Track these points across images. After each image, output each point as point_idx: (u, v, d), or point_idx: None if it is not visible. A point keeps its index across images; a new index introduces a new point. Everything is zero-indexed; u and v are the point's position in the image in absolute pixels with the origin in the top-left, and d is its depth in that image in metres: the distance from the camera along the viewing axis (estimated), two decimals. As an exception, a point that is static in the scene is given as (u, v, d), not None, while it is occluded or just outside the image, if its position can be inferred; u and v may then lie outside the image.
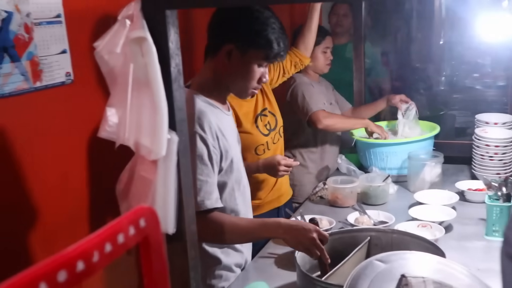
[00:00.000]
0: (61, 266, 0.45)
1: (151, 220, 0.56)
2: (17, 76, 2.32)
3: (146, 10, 1.21)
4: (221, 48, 1.83)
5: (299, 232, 1.78)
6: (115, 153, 1.35)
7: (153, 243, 0.57)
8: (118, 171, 2.59)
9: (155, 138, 1.20)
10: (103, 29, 2.73)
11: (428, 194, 2.62)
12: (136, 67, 1.21)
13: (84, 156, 2.70)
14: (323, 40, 3.16)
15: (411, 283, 1.38)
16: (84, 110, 2.72)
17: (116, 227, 0.52)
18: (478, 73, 4.76)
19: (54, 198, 2.58)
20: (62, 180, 2.61)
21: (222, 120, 1.91)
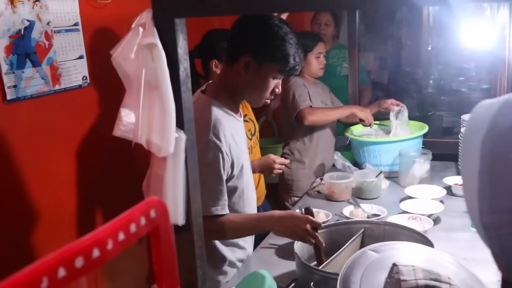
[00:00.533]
0: (78, 253, 0.45)
1: (161, 211, 0.56)
2: (38, 79, 2.33)
3: (157, 18, 1.20)
4: (239, 59, 1.80)
5: (293, 223, 1.77)
6: (126, 152, 1.36)
7: (163, 233, 0.57)
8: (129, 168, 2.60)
9: (164, 137, 1.20)
10: (116, 36, 2.78)
11: (417, 189, 2.62)
12: (147, 71, 1.21)
13: (98, 153, 2.71)
14: (315, 46, 3.15)
15: (402, 271, 1.37)
16: (99, 110, 2.73)
17: (128, 217, 0.52)
18: (464, 77, 4.76)
19: (69, 193, 2.59)
20: (76, 176, 2.62)
21: (235, 127, 1.89)
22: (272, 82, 1.85)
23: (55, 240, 2.48)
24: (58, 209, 2.51)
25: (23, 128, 2.29)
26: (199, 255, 1.34)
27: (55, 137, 2.47)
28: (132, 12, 2.36)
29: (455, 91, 4.68)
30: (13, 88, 2.19)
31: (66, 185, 2.56)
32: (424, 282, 1.35)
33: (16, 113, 2.24)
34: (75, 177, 2.61)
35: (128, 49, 1.23)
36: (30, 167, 2.33)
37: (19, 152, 2.28)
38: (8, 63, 2.16)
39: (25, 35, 2.25)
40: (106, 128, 2.58)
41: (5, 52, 2.15)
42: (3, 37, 2.14)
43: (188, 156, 1.25)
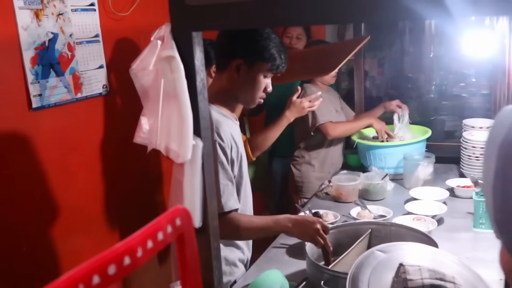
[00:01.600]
0: (111, 261, 0.46)
1: (186, 219, 0.57)
2: (61, 88, 2.35)
3: (175, 31, 1.21)
4: (230, 64, 1.83)
5: (305, 224, 1.79)
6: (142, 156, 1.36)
7: (187, 239, 0.58)
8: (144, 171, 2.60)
9: (182, 144, 1.21)
10: (134, 46, 2.79)
11: (421, 191, 2.61)
12: (166, 81, 1.21)
13: (116, 156, 2.72)
14: None
15: (408, 270, 1.37)
16: (118, 116, 2.74)
17: (156, 226, 0.52)
18: (464, 83, 4.73)
19: (90, 195, 2.61)
20: (96, 178, 2.63)
21: (233, 129, 1.91)
22: (263, 81, 1.88)
23: (76, 239, 2.50)
24: (79, 210, 2.52)
25: (47, 134, 2.31)
26: (215, 256, 1.35)
27: (77, 142, 2.49)
28: (149, 23, 2.38)
29: (456, 96, 4.65)
30: (38, 97, 2.21)
31: (87, 187, 2.57)
32: (429, 282, 1.35)
33: (41, 120, 2.26)
34: (96, 180, 2.63)
35: (147, 61, 1.24)
36: (53, 170, 2.35)
37: (44, 156, 2.30)
38: (33, 73, 2.18)
39: (49, 46, 2.27)
40: (124, 133, 2.61)
41: (30, 63, 2.17)
42: (29, 49, 2.16)
43: (204, 162, 1.26)
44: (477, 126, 2.92)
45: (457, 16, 0.98)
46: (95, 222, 2.64)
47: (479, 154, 2.78)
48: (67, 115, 2.40)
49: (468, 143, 2.82)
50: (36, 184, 2.29)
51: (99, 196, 2.66)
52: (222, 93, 1.89)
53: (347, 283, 1.41)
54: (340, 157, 3.30)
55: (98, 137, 2.63)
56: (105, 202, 2.69)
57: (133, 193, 2.90)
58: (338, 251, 1.84)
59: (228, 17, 1.19)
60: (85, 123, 2.53)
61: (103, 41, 2.61)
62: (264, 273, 1.55)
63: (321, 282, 1.55)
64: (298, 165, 3.27)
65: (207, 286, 1.36)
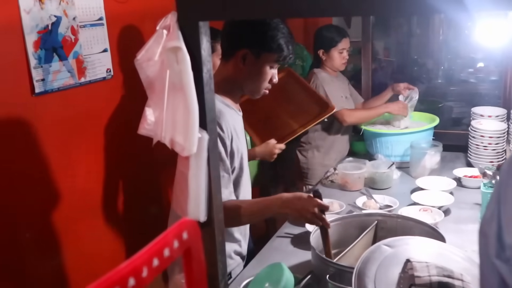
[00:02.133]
0: (114, 284, 0.44)
1: (193, 232, 0.55)
2: (64, 73, 2.32)
3: (182, 21, 1.18)
4: (236, 53, 1.79)
5: (301, 206, 1.73)
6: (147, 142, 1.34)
7: (195, 253, 0.56)
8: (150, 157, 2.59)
9: (187, 137, 1.19)
10: (138, 29, 2.75)
11: (428, 180, 2.59)
12: (172, 73, 1.19)
13: (121, 141, 2.70)
14: (340, 42, 3.10)
15: (416, 267, 1.35)
16: (122, 101, 2.72)
17: (162, 242, 0.50)
18: (473, 68, 4.67)
19: (93, 181, 2.60)
20: (100, 164, 2.62)
21: (236, 120, 1.88)
22: (270, 72, 1.85)
23: (80, 225, 2.50)
24: (82, 195, 2.51)
25: (50, 119, 2.29)
26: (220, 249, 1.33)
27: (81, 127, 2.47)
28: (154, 6, 2.35)
29: (465, 82, 4.60)
30: (41, 82, 2.19)
31: (90, 173, 2.56)
32: (437, 279, 1.33)
33: (44, 105, 2.24)
34: (99, 165, 2.62)
35: (152, 52, 1.21)
36: (57, 155, 2.34)
37: (47, 142, 2.28)
38: (36, 58, 2.15)
39: (53, 30, 2.23)
40: (129, 117, 2.59)
41: (33, 47, 2.14)
42: (32, 33, 2.13)
43: (210, 155, 1.24)
44: (486, 115, 2.89)
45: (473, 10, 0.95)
46: (98, 208, 2.63)
47: (488, 144, 2.75)
48: (70, 100, 2.38)
49: (477, 132, 2.79)
50: (39, 170, 2.27)
51: (102, 182, 2.64)
52: (227, 83, 1.85)
53: (353, 278, 1.40)
54: (347, 144, 3.28)
55: (102, 122, 2.61)
56: (108, 188, 2.68)
57: (137, 180, 2.88)
58: (343, 242, 1.82)
59: (236, 7, 1.16)
60: (89, 108, 2.51)
61: (107, 24, 2.57)
62: (269, 266, 1.53)
63: (326, 275, 1.54)
64: (304, 151, 3.25)
65: (211, 279, 1.35)
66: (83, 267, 2.51)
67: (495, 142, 2.74)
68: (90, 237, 2.56)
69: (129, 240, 2.82)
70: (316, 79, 3.11)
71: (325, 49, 3.13)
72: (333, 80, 3.16)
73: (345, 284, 1.48)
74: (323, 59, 3.15)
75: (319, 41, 3.17)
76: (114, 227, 2.72)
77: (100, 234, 2.63)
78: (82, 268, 2.51)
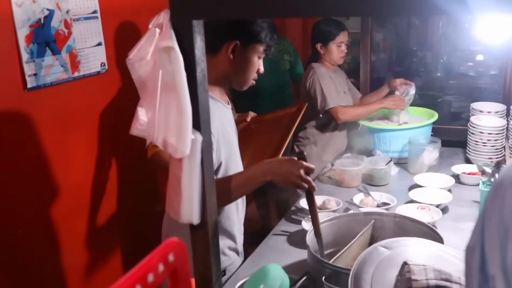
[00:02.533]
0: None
1: (179, 253, 0.52)
2: (57, 67, 2.29)
3: (175, 20, 1.15)
4: (224, 45, 1.81)
5: (286, 170, 1.68)
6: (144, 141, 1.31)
7: (181, 275, 0.53)
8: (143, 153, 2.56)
9: (181, 138, 1.16)
10: (133, 22, 2.71)
11: (426, 177, 2.57)
12: (165, 72, 1.16)
13: (115, 136, 2.67)
14: (337, 36, 3.07)
15: (413, 270, 1.34)
16: (117, 95, 2.69)
17: (146, 267, 0.48)
18: (472, 62, 4.65)
19: (87, 175, 2.57)
20: (93, 159, 2.60)
21: (224, 113, 1.88)
22: (258, 62, 1.88)
23: (73, 219, 2.48)
24: (76, 191, 2.49)
25: (43, 114, 2.26)
26: (214, 251, 1.31)
27: (74, 122, 2.44)
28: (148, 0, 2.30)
29: (464, 76, 4.58)
30: (34, 76, 2.16)
31: (84, 168, 2.54)
32: (435, 282, 1.31)
33: (37, 101, 2.21)
34: (93, 161, 2.59)
35: (144, 51, 1.18)
36: (50, 151, 2.31)
37: (40, 137, 2.25)
38: (28, 52, 2.12)
39: (45, 24, 2.20)
40: (123, 112, 2.57)
41: (25, 41, 2.10)
42: (24, 27, 2.09)
43: (204, 157, 1.22)
44: (485, 111, 2.87)
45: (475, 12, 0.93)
46: (92, 202, 2.61)
47: (487, 140, 2.73)
48: (63, 94, 2.35)
49: (476, 128, 2.77)
50: (32, 165, 2.25)
51: (96, 177, 2.62)
52: (214, 76, 1.83)
53: (350, 281, 1.38)
54: (344, 140, 3.26)
55: (96, 117, 2.58)
56: (102, 183, 2.66)
57: (132, 174, 2.86)
58: (340, 242, 1.81)
59: (231, 6, 1.13)
60: (83, 103, 2.48)
61: (102, 18, 2.54)
62: (264, 268, 1.51)
63: (322, 277, 1.52)
64: (302, 146, 3.23)
65: (205, 282, 1.33)
66: (76, 263, 2.49)
67: (494, 139, 2.72)
68: (84, 231, 2.54)
69: (124, 235, 2.81)
70: (314, 74, 3.08)
71: (323, 42, 3.11)
72: (331, 75, 3.14)
73: (341, 286, 1.46)
74: (321, 53, 3.13)
75: (317, 35, 3.15)
76: (107, 223, 2.70)
77: (93, 230, 2.61)
78: (75, 264, 2.49)
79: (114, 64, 2.64)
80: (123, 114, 2.43)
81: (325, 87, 3.03)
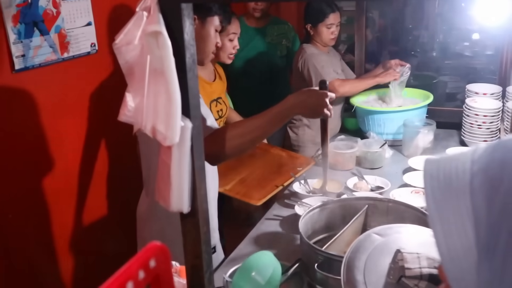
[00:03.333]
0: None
1: (162, 257, 0.50)
2: (46, 48, 2.24)
3: (163, 3, 1.11)
4: None
5: (314, 102, 1.69)
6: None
7: (164, 280, 0.51)
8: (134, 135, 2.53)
9: (170, 126, 1.13)
10: (124, 2, 2.65)
11: (421, 160, 2.55)
12: (153, 58, 1.13)
13: (105, 118, 2.64)
14: (327, 17, 3.03)
15: (406, 258, 1.32)
16: (108, 76, 2.64)
17: (125, 275, 0.45)
18: (468, 42, 4.59)
19: (77, 158, 2.54)
20: (84, 141, 2.56)
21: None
22: (215, 35, 2.00)
23: (64, 203, 2.46)
24: (66, 174, 2.47)
25: (32, 96, 2.22)
26: (204, 240, 1.30)
27: (64, 104, 2.41)
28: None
29: (460, 56, 4.53)
30: (21, 58, 2.11)
31: (74, 151, 2.51)
32: (428, 271, 1.30)
33: (25, 82, 2.16)
34: (84, 143, 2.56)
35: (132, 35, 1.15)
36: (39, 134, 2.28)
37: (29, 120, 2.22)
38: (16, 33, 2.07)
39: (33, 3, 2.14)
40: (114, 93, 2.52)
41: (12, 21, 2.05)
42: (10, 6, 2.04)
43: (194, 144, 1.19)
44: (481, 93, 2.85)
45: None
46: (83, 185, 2.58)
47: (482, 122, 2.71)
48: (53, 76, 2.31)
49: (471, 110, 2.75)
50: (21, 148, 2.22)
51: (88, 159, 2.59)
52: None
53: (342, 268, 1.36)
54: (338, 121, 3.24)
55: (86, 98, 2.55)
56: (93, 166, 2.63)
57: (123, 157, 2.83)
58: (333, 227, 1.80)
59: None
60: (73, 84, 2.44)
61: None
62: (256, 254, 1.50)
63: (315, 264, 1.51)
64: (295, 128, 3.20)
65: (196, 271, 1.31)
66: (68, 248, 2.48)
67: (490, 121, 2.71)
68: (74, 214, 2.52)
69: (113, 218, 2.79)
70: (304, 54, 3.05)
71: (313, 23, 3.06)
72: (322, 55, 3.09)
73: (334, 273, 1.46)
74: (311, 33, 3.09)
75: (308, 16, 3.11)
76: (98, 207, 2.69)
77: (84, 212, 2.59)
78: (66, 247, 2.48)
79: (104, 44, 2.59)
80: (114, 95, 2.39)
81: (318, 65, 3.00)
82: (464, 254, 0.56)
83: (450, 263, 0.57)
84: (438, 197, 0.60)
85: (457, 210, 0.57)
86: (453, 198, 0.58)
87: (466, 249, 0.56)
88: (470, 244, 0.55)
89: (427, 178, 0.62)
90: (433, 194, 0.61)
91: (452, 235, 0.57)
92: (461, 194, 0.58)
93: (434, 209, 0.60)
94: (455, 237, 0.57)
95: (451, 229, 0.58)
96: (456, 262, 0.56)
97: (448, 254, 0.57)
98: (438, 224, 0.58)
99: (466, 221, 0.56)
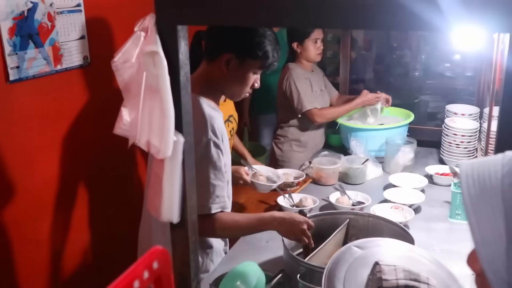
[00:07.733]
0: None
1: (163, 260, 0.56)
2: (40, 60, 2.29)
3: (160, 24, 1.17)
4: (220, 56, 1.75)
5: (292, 224, 1.77)
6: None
7: (165, 281, 0.57)
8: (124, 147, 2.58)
9: (163, 140, 1.19)
10: (116, 17, 2.71)
11: (401, 177, 2.63)
12: (149, 75, 1.19)
13: (98, 129, 2.68)
14: (312, 32, 3.08)
15: (384, 270, 1.39)
16: (99, 88, 2.69)
17: (132, 274, 0.51)
18: (450, 63, 4.72)
19: (71, 169, 2.58)
20: (78, 152, 2.60)
21: (221, 122, 1.85)
22: (252, 78, 1.82)
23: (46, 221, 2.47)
24: (56, 184, 2.50)
25: (25, 107, 2.26)
26: (193, 249, 1.35)
27: (56, 115, 2.45)
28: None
29: (441, 76, 4.65)
30: (16, 69, 2.16)
31: (65, 161, 2.54)
32: (404, 282, 1.37)
33: (19, 93, 2.20)
34: (75, 154, 2.60)
35: (129, 54, 1.21)
36: (31, 144, 2.32)
37: (21, 130, 2.25)
38: (11, 45, 2.12)
39: (28, 16, 2.20)
40: (105, 105, 2.57)
41: (8, 33, 2.10)
42: (7, 19, 2.09)
43: (185, 158, 1.25)
44: (460, 113, 2.95)
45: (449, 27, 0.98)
46: (74, 197, 2.62)
47: (460, 142, 2.81)
48: (46, 87, 2.35)
49: (450, 130, 2.84)
50: (16, 157, 2.24)
51: (79, 171, 2.63)
52: (209, 84, 1.81)
53: (323, 279, 1.42)
54: (322, 137, 3.31)
55: (77, 110, 2.59)
56: (82, 176, 2.67)
57: (114, 169, 2.87)
58: (315, 240, 1.85)
59: (216, 13, 1.16)
60: (65, 96, 2.48)
61: (85, 11, 2.54)
62: (241, 264, 1.56)
63: (297, 275, 1.57)
64: (280, 144, 3.27)
65: (183, 279, 1.36)
66: (44, 266, 2.49)
67: (467, 141, 2.80)
68: (58, 232, 2.54)
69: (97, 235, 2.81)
70: (290, 76, 3.10)
71: (299, 41, 3.11)
72: (307, 75, 3.16)
73: (315, 284, 1.51)
74: (298, 51, 3.13)
75: (292, 34, 3.16)
76: (85, 220, 2.71)
77: (70, 229, 2.62)
78: (43, 266, 2.48)
79: (97, 57, 2.64)
80: (106, 107, 2.44)
81: (301, 89, 3.06)
82: (495, 241, 0.66)
83: (483, 248, 0.67)
84: (473, 193, 0.70)
85: (489, 204, 0.68)
86: (486, 194, 0.69)
87: (496, 236, 0.66)
88: (501, 233, 0.66)
89: (464, 177, 0.73)
90: (468, 191, 0.71)
91: (485, 225, 0.68)
92: (493, 191, 0.69)
93: (469, 203, 0.70)
94: (487, 227, 0.67)
95: (484, 220, 0.68)
96: (487, 248, 0.67)
97: (481, 241, 0.67)
98: (472, 216, 0.69)
99: (497, 213, 0.67)
